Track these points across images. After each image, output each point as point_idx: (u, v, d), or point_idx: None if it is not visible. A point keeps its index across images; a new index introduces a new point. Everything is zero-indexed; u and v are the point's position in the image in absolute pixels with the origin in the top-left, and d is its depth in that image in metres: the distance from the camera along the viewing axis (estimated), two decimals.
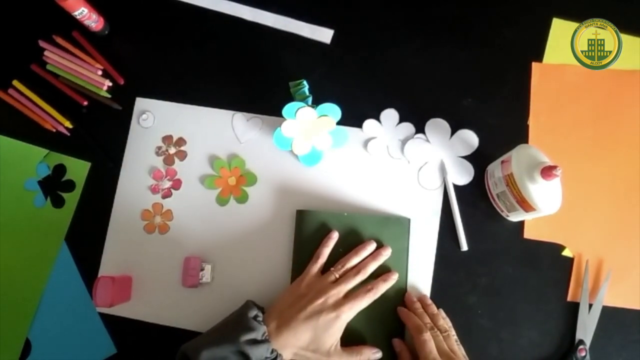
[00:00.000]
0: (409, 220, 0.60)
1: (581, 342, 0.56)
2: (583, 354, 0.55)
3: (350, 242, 0.59)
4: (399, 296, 0.58)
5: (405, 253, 0.59)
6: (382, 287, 0.55)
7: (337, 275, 0.55)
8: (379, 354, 0.55)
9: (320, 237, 0.59)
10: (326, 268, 0.57)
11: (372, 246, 0.58)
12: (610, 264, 0.59)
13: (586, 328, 0.56)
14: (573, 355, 0.56)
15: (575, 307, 0.57)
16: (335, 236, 0.58)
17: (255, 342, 0.49)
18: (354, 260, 0.57)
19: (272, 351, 0.50)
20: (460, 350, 0.54)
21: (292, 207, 0.61)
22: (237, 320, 0.52)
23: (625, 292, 0.58)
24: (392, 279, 0.56)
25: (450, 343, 0.54)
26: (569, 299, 0.58)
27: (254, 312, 0.52)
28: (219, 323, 0.54)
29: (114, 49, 0.68)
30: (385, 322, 0.57)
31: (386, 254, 0.57)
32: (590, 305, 0.57)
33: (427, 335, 0.52)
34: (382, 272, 0.57)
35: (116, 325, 0.61)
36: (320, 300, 0.53)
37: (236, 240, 0.61)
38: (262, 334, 0.50)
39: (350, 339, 0.55)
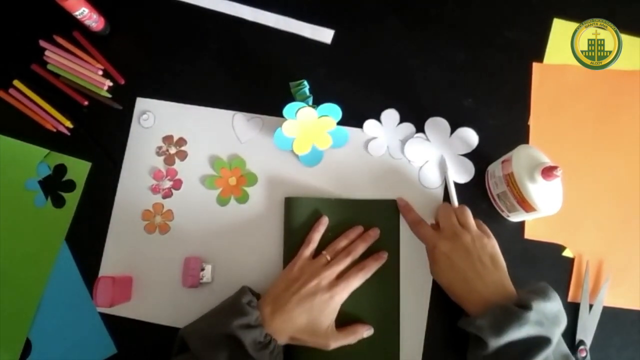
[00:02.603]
0: (395, 200, 0.60)
1: (581, 342, 0.56)
2: (583, 354, 0.55)
3: (340, 226, 0.59)
4: (391, 275, 0.58)
5: (395, 232, 0.59)
6: (374, 266, 0.57)
7: (329, 258, 0.56)
8: (371, 331, 0.56)
9: (309, 223, 0.59)
10: (316, 253, 0.58)
11: (360, 229, 0.59)
12: (610, 264, 0.59)
13: (586, 328, 0.56)
14: (573, 355, 0.55)
15: (575, 307, 0.57)
16: (325, 221, 0.59)
17: (248, 326, 0.49)
18: (344, 243, 0.58)
19: (266, 336, 0.50)
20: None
21: None
22: (231, 305, 0.52)
23: (626, 293, 0.58)
24: (383, 258, 0.58)
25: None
26: (569, 299, 0.58)
27: (247, 298, 0.52)
28: (215, 307, 0.54)
29: (115, 49, 0.68)
30: (378, 302, 0.57)
31: (375, 235, 0.58)
32: (591, 306, 0.57)
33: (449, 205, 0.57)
34: (373, 252, 0.58)
35: (116, 325, 0.61)
36: (313, 283, 0.53)
37: (236, 240, 0.61)
38: (255, 319, 0.50)
39: (344, 320, 0.55)
